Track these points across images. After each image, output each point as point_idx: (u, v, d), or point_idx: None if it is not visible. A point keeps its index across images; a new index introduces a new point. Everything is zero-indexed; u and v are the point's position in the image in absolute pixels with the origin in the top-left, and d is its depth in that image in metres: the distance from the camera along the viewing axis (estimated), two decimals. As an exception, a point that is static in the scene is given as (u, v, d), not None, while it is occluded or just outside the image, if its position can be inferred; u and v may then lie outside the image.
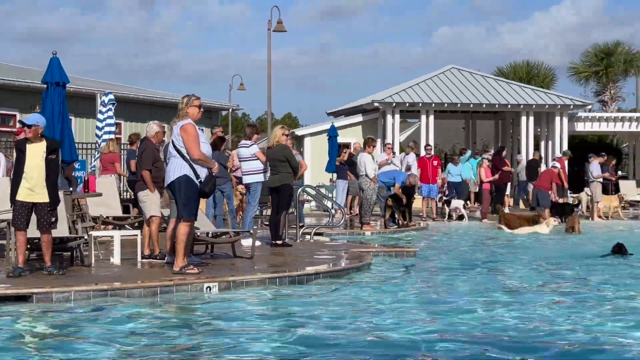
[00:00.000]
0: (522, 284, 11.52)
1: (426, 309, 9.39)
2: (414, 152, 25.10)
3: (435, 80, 32.99)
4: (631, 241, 16.23)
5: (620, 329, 8.29)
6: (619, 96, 44.08)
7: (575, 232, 20.48)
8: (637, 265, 13.73)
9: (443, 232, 21.07)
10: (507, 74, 42.02)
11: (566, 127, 32.12)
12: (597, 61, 42.37)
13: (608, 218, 25.65)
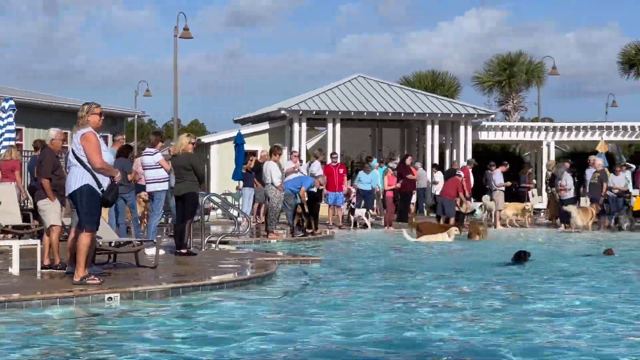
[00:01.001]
0: (420, 292, 11.68)
1: (329, 317, 9.41)
2: (320, 160, 25.19)
3: (342, 89, 33.19)
4: (528, 248, 16.66)
5: (504, 338, 8.44)
6: (522, 106, 45.12)
7: (480, 238, 20.91)
8: (537, 273, 14.05)
9: (348, 240, 21.18)
10: (412, 83, 42.59)
11: (470, 136, 32.67)
12: (500, 71, 43.26)
13: (523, 225, 26.09)
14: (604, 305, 10.43)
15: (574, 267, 14.88)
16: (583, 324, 9.19)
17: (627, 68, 42.37)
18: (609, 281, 13.02)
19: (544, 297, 11.12)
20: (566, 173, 25.88)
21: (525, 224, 26.25)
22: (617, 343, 8.20)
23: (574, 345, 8.00)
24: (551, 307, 10.36)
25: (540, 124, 37.83)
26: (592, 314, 9.80)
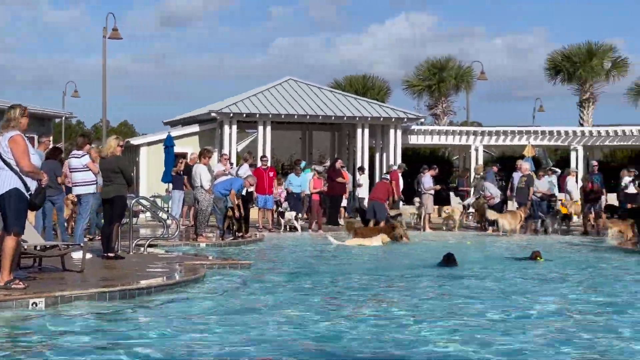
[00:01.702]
0: (348, 295, 11.74)
1: (256, 321, 9.41)
2: (250, 162, 25.15)
3: (272, 92, 33.16)
4: (458, 251, 16.86)
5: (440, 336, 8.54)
6: (451, 110, 45.57)
7: (405, 240, 21.20)
8: (466, 275, 14.22)
9: (278, 243, 21.18)
10: (343, 86, 42.76)
11: (400, 140, 32.91)
12: (430, 75, 43.65)
13: (452, 229, 26.36)
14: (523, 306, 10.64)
15: (501, 271, 15.10)
16: (501, 326, 9.36)
17: (553, 74, 43.09)
18: (535, 283, 13.24)
19: (471, 299, 11.29)
20: (486, 183, 26.17)
21: (455, 227, 26.52)
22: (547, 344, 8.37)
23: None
24: (475, 308, 10.53)
25: (469, 128, 38.30)
26: (510, 317, 9.98)
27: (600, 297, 11.81)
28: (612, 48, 42.59)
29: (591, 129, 36.50)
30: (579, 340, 8.63)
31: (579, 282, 13.79)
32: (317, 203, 25.23)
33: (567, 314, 10.33)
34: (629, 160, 36.11)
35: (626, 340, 8.65)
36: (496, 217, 24.70)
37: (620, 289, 12.72)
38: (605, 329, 9.31)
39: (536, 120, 55.55)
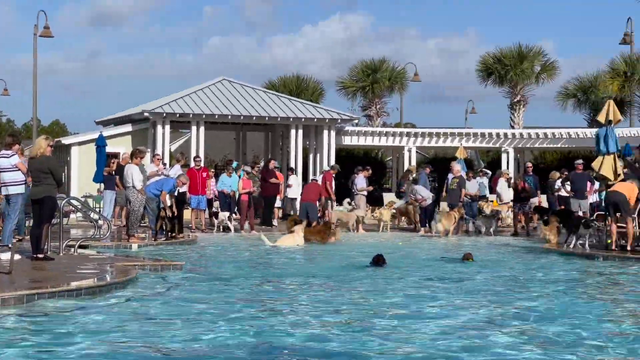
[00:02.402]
0: (280, 296, 11.76)
1: (188, 322, 9.35)
2: (182, 163, 24.97)
3: (206, 92, 33.01)
4: (389, 252, 16.97)
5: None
6: (384, 111, 45.82)
7: (335, 240, 21.33)
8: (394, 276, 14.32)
9: (211, 244, 21.06)
10: (277, 87, 42.70)
11: (334, 141, 33.01)
12: (364, 77, 43.81)
13: (384, 229, 26.44)
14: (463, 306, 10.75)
15: (432, 271, 15.23)
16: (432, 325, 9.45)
17: (485, 76, 43.59)
18: (470, 284, 13.39)
19: (397, 298, 11.37)
20: (416, 187, 26.35)
21: (385, 228, 26.63)
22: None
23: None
24: (406, 308, 10.60)
25: (402, 129, 38.59)
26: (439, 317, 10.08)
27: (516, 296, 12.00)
28: (541, 51, 43.30)
29: (522, 131, 37.06)
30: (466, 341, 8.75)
31: (501, 283, 13.95)
32: (246, 203, 25.19)
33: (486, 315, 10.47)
34: (559, 162, 36.73)
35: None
36: (435, 215, 24.80)
37: (541, 290, 12.89)
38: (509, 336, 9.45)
39: (468, 122, 56.35)
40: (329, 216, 26.14)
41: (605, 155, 20.41)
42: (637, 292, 13.06)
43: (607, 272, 15.71)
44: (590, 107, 42.84)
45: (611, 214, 18.87)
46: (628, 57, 40.63)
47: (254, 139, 38.56)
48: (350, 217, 26.30)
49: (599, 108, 24.07)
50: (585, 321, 9.93)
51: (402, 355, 8.00)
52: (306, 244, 20.93)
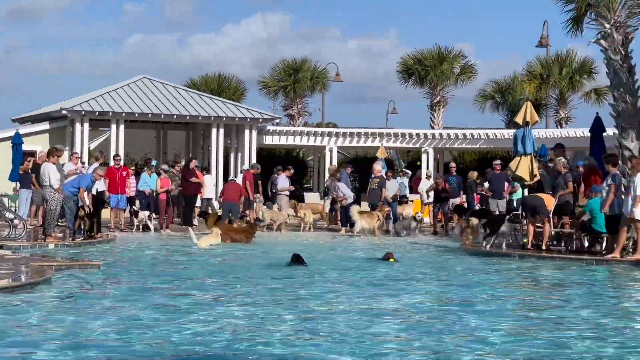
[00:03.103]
0: (196, 296, 11.72)
1: (105, 323, 9.23)
2: (101, 161, 24.61)
3: (126, 90, 32.60)
4: (310, 251, 17.02)
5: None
6: (306, 111, 45.90)
7: (244, 241, 21.36)
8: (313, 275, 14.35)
9: (130, 243, 20.83)
10: (199, 86, 42.43)
11: (255, 140, 32.92)
12: (286, 76, 43.82)
13: (307, 229, 26.41)
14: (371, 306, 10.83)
15: (349, 271, 15.32)
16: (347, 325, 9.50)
17: (406, 77, 43.98)
18: (391, 284, 13.49)
19: (318, 297, 11.41)
20: (339, 184, 26.49)
21: (307, 227, 26.64)
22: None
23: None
24: (325, 307, 10.68)
25: (324, 129, 38.68)
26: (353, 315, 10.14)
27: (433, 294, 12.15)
28: (460, 53, 43.90)
29: (441, 131, 37.48)
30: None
31: (417, 280, 14.09)
32: (164, 202, 24.99)
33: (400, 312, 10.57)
34: (477, 162, 37.25)
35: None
36: (356, 218, 24.87)
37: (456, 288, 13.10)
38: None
39: (389, 122, 56.83)
40: (251, 216, 26.11)
41: (522, 156, 20.76)
42: (543, 288, 13.34)
43: (523, 270, 15.99)
44: (508, 109, 43.59)
45: (528, 215, 19.23)
46: (544, 60, 41.46)
47: (174, 138, 38.21)
48: (282, 216, 26.31)
49: (517, 109, 24.53)
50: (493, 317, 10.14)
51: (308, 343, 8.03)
52: (230, 243, 20.85)
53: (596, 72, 40.62)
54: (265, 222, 25.80)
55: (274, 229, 25.82)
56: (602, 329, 9.59)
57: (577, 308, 11.25)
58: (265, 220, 25.86)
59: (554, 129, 38.13)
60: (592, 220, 18.04)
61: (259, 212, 26.80)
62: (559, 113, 41.83)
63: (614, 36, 20.40)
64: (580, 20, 21.89)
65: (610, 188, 17.30)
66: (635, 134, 20.35)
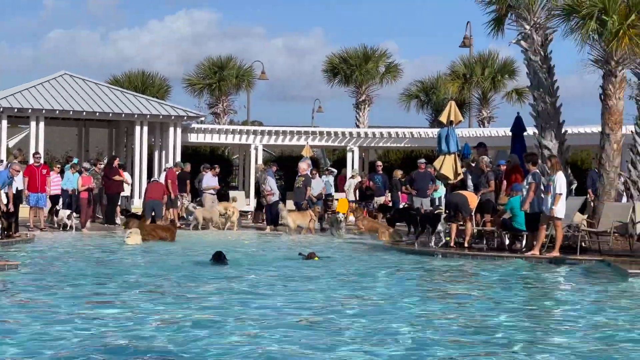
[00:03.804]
0: (117, 297, 11.58)
1: (19, 324, 9.04)
2: (20, 159, 24.12)
3: (46, 86, 31.97)
4: (235, 250, 16.95)
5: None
6: (231, 109, 45.69)
7: (169, 239, 21.15)
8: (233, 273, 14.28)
9: (49, 242, 20.47)
10: (122, 83, 41.86)
11: (180, 138, 32.62)
12: (211, 74, 43.55)
13: (230, 227, 26.19)
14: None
15: (272, 269, 15.31)
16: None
17: (332, 76, 44.06)
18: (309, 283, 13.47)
19: (244, 295, 11.34)
20: (269, 178, 26.45)
21: (233, 226, 26.44)
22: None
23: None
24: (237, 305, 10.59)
25: (249, 127, 38.55)
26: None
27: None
28: (385, 53, 44.13)
29: (367, 130, 37.65)
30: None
31: (339, 279, 14.12)
32: (86, 201, 24.63)
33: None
34: (402, 161, 37.50)
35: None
36: (286, 215, 24.76)
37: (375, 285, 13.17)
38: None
39: (315, 120, 56.97)
40: (174, 214, 25.92)
41: (446, 155, 20.96)
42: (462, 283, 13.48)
43: (448, 268, 16.13)
44: (433, 108, 43.96)
45: (451, 213, 19.41)
46: (467, 60, 41.94)
47: (97, 136, 37.67)
48: (214, 213, 26.14)
49: (441, 109, 24.75)
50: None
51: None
52: (154, 242, 20.67)
53: (517, 73, 41.27)
54: (198, 221, 25.64)
55: (208, 227, 25.67)
56: (520, 325, 9.72)
57: (492, 303, 11.42)
58: (198, 220, 25.67)
59: (477, 128, 38.61)
60: (512, 218, 18.28)
61: (183, 211, 26.58)
62: (482, 112, 42.36)
63: (533, 37, 20.69)
64: (501, 21, 22.12)
65: (530, 187, 17.56)
66: (554, 134, 20.68)
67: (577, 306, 11.58)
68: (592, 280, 14.55)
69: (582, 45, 19.00)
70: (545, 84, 20.77)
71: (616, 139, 19.70)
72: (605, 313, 10.85)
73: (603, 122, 19.91)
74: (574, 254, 17.25)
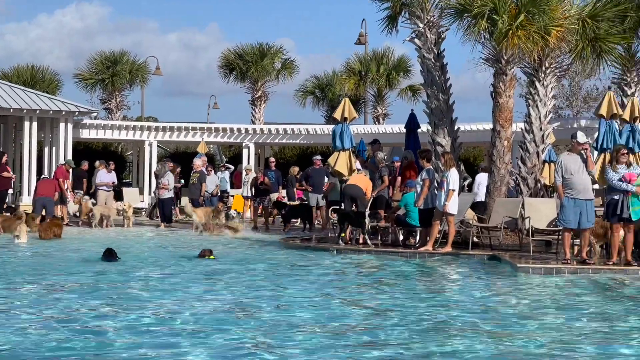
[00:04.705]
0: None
1: None
2: None
3: None
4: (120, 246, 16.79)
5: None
6: (125, 104, 44.97)
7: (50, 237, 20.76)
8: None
9: None
10: (10, 77, 40.73)
11: (71, 134, 31.94)
12: (104, 69, 42.78)
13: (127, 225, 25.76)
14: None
15: (163, 267, 15.15)
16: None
17: (227, 72, 43.79)
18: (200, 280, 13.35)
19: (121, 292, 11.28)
20: (169, 173, 26.19)
21: (128, 223, 25.98)
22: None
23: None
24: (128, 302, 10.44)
25: (143, 123, 38.03)
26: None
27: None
28: (281, 49, 44.12)
29: (262, 126, 37.60)
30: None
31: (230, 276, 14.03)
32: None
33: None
34: (298, 157, 37.55)
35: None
36: (190, 212, 24.39)
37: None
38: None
39: (211, 117, 56.52)
40: (63, 212, 25.43)
41: (341, 152, 21.06)
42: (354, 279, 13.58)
43: (341, 264, 16.20)
44: (328, 105, 44.13)
45: (347, 206, 19.46)
46: (362, 57, 42.26)
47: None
48: (112, 210, 25.70)
49: (336, 105, 24.80)
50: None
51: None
52: (45, 239, 20.24)
53: (412, 70, 41.78)
54: (96, 218, 25.20)
55: (104, 224, 25.21)
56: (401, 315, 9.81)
57: (385, 297, 11.51)
58: (96, 217, 25.23)
59: (372, 125, 38.95)
60: (406, 214, 18.47)
61: (85, 209, 26.15)
62: (377, 109, 42.73)
63: (427, 35, 20.96)
64: (395, 19, 22.36)
65: (424, 183, 17.78)
66: (447, 131, 21.00)
67: (465, 300, 11.76)
68: (482, 275, 14.80)
69: (474, 44, 19.33)
70: (439, 82, 21.06)
71: (506, 136, 20.12)
72: (492, 306, 11.02)
73: (494, 119, 20.30)
74: (466, 249, 17.56)
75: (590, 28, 20.25)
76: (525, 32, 18.30)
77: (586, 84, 47.52)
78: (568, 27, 18.92)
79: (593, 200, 15.44)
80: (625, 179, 14.71)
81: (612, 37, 20.95)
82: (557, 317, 10.27)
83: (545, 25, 18.43)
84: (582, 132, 15.79)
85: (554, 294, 12.42)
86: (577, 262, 15.03)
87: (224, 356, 7.91)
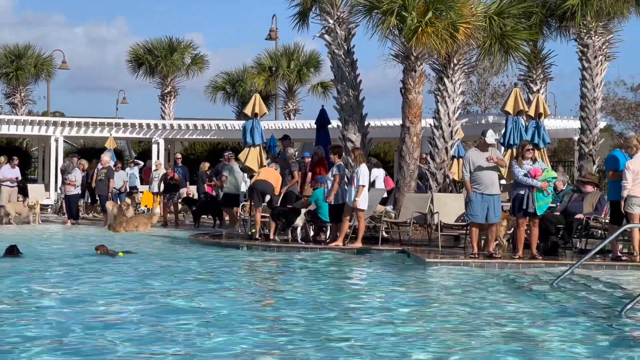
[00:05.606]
0: None
1: None
2: None
3: None
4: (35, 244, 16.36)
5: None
6: (30, 99, 44.01)
7: None
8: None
9: None
10: None
11: (-26, 129, 31.17)
12: (8, 63, 41.83)
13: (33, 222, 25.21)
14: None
15: (60, 263, 14.92)
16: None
17: (136, 67, 43.23)
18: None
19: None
20: (77, 169, 25.76)
21: (35, 220, 25.43)
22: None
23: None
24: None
25: (49, 118, 37.30)
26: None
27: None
28: (192, 44, 43.76)
29: (172, 122, 37.24)
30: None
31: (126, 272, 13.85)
32: None
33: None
34: (208, 153, 37.31)
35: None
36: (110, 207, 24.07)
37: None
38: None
39: (120, 112, 55.73)
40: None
41: (252, 147, 20.96)
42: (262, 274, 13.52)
43: (248, 261, 16.14)
44: (239, 100, 43.96)
45: (257, 202, 19.33)
46: (273, 53, 42.17)
47: None
48: (23, 207, 25.15)
49: (247, 101, 24.66)
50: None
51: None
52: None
53: (322, 66, 41.88)
54: (11, 215, 24.67)
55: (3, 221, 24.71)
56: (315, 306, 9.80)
57: (290, 295, 11.51)
58: (11, 214, 24.68)
59: (283, 121, 38.91)
60: (317, 210, 18.47)
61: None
62: (288, 105, 42.70)
63: (337, 31, 21.02)
64: (306, 15, 22.37)
65: (335, 178, 17.80)
66: (357, 127, 21.10)
67: (373, 295, 11.82)
68: (391, 269, 14.87)
69: (384, 41, 19.43)
70: (349, 78, 21.14)
71: (416, 132, 20.30)
72: (397, 301, 11.06)
73: (403, 115, 20.47)
74: (376, 245, 17.64)
75: (497, 25, 20.59)
76: (434, 28, 18.47)
77: (494, 80, 48.38)
78: (475, 24, 19.20)
79: (500, 195, 15.68)
80: (530, 174, 14.97)
81: (519, 33, 21.36)
82: (448, 308, 10.46)
83: (453, 22, 18.65)
84: (492, 130, 15.96)
85: (453, 286, 12.57)
86: (484, 257, 15.25)
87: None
